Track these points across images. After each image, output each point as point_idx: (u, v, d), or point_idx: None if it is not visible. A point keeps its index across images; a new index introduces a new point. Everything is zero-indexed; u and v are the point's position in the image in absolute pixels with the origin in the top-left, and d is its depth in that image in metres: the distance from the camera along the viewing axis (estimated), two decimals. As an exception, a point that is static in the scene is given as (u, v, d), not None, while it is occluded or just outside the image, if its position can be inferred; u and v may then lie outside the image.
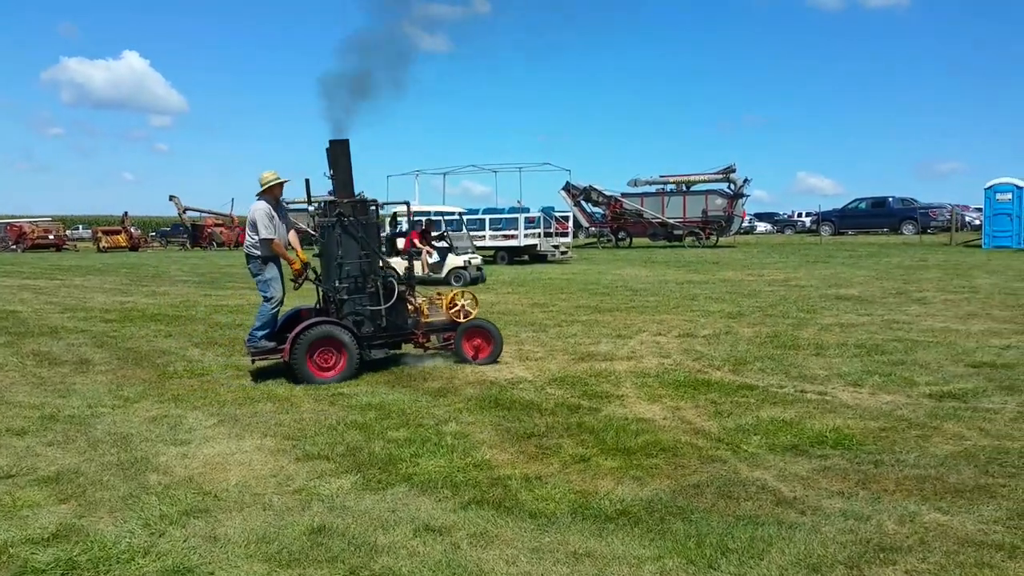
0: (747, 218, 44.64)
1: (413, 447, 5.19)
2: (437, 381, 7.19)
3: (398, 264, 15.04)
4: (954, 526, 3.79)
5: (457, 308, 8.06)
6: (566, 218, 31.44)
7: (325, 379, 7.20)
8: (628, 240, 36.15)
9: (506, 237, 25.55)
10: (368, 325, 7.71)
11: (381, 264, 7.84)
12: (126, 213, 51.99)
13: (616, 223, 36.36)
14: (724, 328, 10.03)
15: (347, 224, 7.67)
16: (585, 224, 38.84)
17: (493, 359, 7.90)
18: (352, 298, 7.65)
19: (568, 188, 36.56)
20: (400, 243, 16.21)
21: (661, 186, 36.05)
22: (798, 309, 11.80)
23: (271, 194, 7.73)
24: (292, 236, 7.97)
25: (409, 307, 8.05)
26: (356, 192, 7.92)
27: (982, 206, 30.21)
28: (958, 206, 39.83)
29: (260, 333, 7.60)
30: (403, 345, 8.19)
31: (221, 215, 50.76)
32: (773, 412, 5.88)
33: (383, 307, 7.68)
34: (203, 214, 51.88)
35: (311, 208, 8.35)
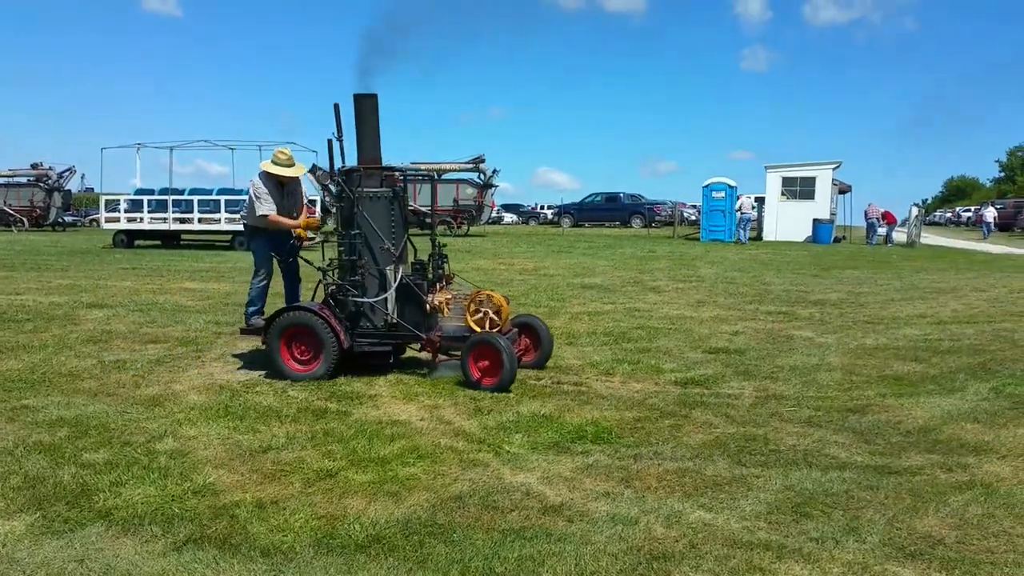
0: (495, 208, 45.74)
1: (115, 473, 4.23)
2: (153, 387, 6.12)
3: None
4: (720, 525, 3.66)
5: (479, 315, 6.53)
6: (313, 202, 29.90)
7: (300, 374, 6.29)
8: (379, 227, 35.42)
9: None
10: (365, 319, 6.52)
11: (386, 247, 6.47)
12: None
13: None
14: (478, 318, 9.75)
15: (343, 196, 6.48)
16: (333, 209, 37.47)
17: (500, 388, 6.00)
18: (340, 284, 6.50)
19: (315, 171, 34.98)
20: None
21: (412, 173, 35.69)
22: (548, 298, 11.91)
23: (275, 176, 7.03)
24: (302, 215, 7.37)
25: (428, 305, 6.51)
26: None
27: (698, 203, 33.25)
28: (677, 203, 43.65)
29: (251, 309, 7.26)
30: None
31: None
32: (533, 406, 5.61)
33: (370, 300, 6.46)
34: None
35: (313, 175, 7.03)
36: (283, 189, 7.11)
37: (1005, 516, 3.79)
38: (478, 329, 6.41)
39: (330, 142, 6.61)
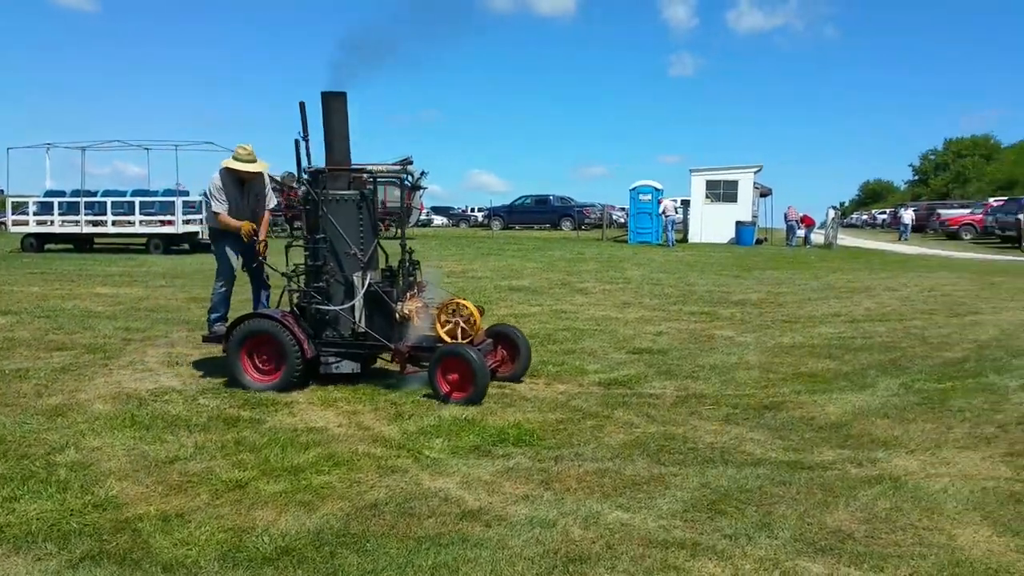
0: (425, 211, 45.45)
1: (10, 487, 4.00)
2: (56, 396, 5.83)
3: None
4: (636, 525, 3.67)
5: (450, 324, 6.17)
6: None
7: (261, 384, 6.03)
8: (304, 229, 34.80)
9: (162, 223, 23.00)
10: (330, 328, 6.21)
11: (352, 252, 6.16)
12: None
13: (291, 212, 34.77)
14: (402, 321, 9.63)
15: (309, 198, 6.20)
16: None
17: (471, 402, 5.72)
18: (304, 292, 6.22)
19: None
20: None
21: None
22: (475, 300, 11.79)
23: (235, 172, 6.73)
24: (264, 220, 6.97)
25: (397, 314, 6.18)
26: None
27: (627, 206, 33.67)
28: (607, 205, 44.13)
29: (213, 316, 6.98)
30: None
31: None
32: (455, 410, 5.54)
33: (336, 308, 6.17)
34: None
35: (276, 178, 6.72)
36: (244, 188, 6.81)
37: (912, 509, 3.90)
38: (448, 339, 6.13)
39: (297, 142, 6.35)
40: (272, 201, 7.10)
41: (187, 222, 23.04)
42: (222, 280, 6.93)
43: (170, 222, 22.79)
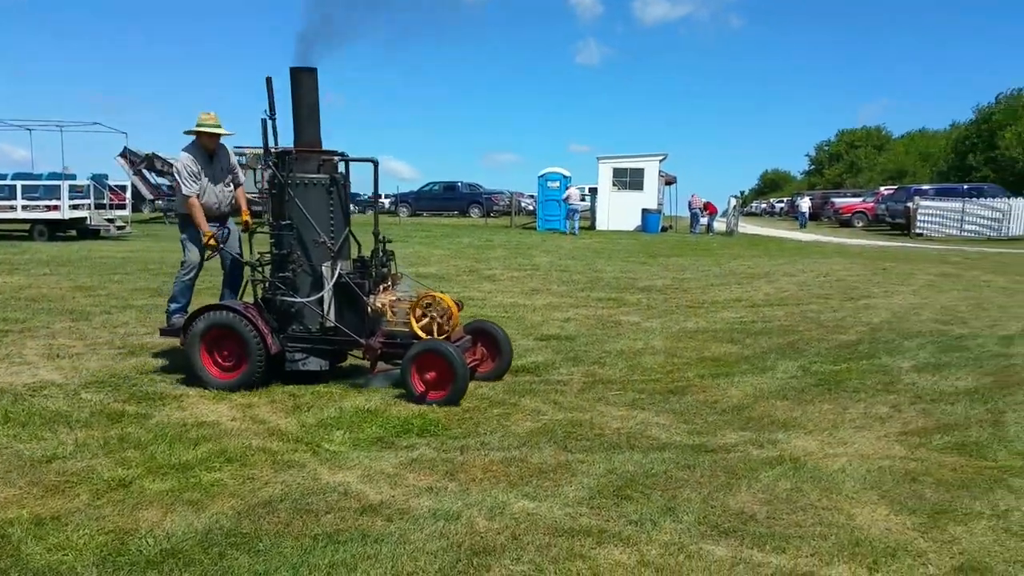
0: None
1: None
2: (-83, 394, 5.35)
3: None
4: (543, 514, 3.60)
5: (426, 320, 5.74)
6: (123, 188, 27.61)
7: (222, 382, 5.62)
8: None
9: (48, 208, 21.68)
10: (297, 322, 5.75)
11: (321, 240, 5.71)
12: None
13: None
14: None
15: (274, 182, 5.71)
16: (149, 196, 35.01)
17: (450, 402, 5.33)
18: (269, 283, 5.77)
19: (126, 154, 32.51)
20: None
21: (239, 158, 33.94)
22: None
23: (201, 143, 6.30)
24: (239, 194, 6.62)
25: (369, 307, 5.79)
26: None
27: (535, 193, 33.78)
28: (516, 193, 44.20)
29: (172, 307, 6.52)
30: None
31: None
32: (357, 401, 5.36)
33: (303, 300, 5.73)
34: None
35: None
36: (212, 162, 6.34)
37: (812, 490, 3.97)
38: (424, 335, 5.72)
39: (263, 121, 5.84)
40: (242, 177, 6.70)
41: (74, 207, 21.77)
42: (186, 268, 6.47)
43: (55, 207, 21.49)
